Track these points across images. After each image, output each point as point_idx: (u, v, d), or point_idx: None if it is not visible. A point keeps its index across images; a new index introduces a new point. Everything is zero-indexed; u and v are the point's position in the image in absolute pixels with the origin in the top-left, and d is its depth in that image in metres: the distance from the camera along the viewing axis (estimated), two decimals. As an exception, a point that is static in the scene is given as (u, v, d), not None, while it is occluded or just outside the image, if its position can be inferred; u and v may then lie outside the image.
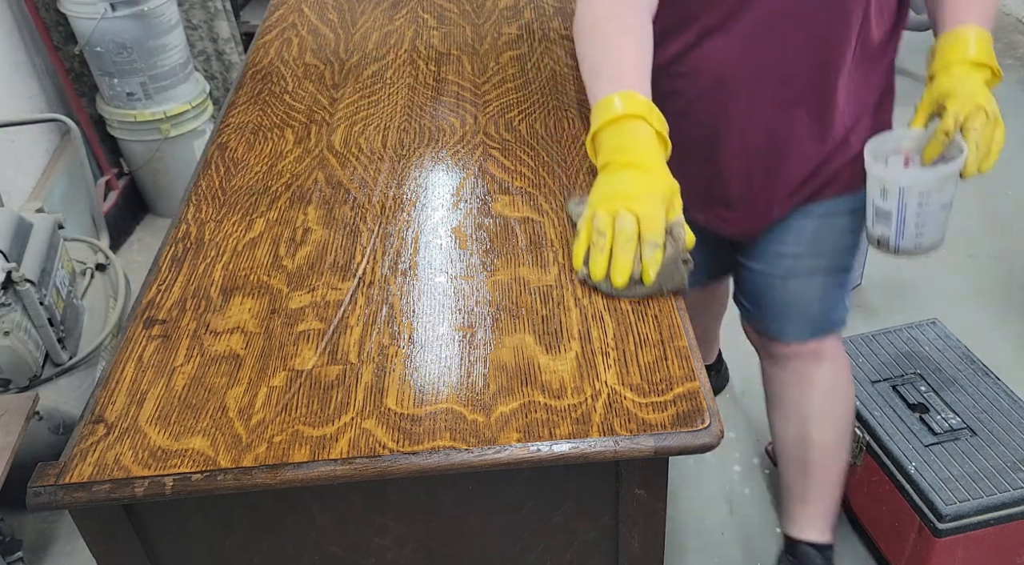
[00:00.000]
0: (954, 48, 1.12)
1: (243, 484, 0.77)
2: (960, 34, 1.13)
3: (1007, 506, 1.42)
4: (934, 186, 1.09)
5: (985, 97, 1.09)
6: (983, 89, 1.10)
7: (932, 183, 1.09)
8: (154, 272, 1.02)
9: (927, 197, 1.10)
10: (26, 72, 2.47)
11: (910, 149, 1.15)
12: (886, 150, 1.16)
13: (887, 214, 1.13)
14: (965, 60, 1.11)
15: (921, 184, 1.10)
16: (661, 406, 0.81)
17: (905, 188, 1.10)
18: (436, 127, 1.25)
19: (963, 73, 1.10)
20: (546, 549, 0.92)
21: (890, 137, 1.17)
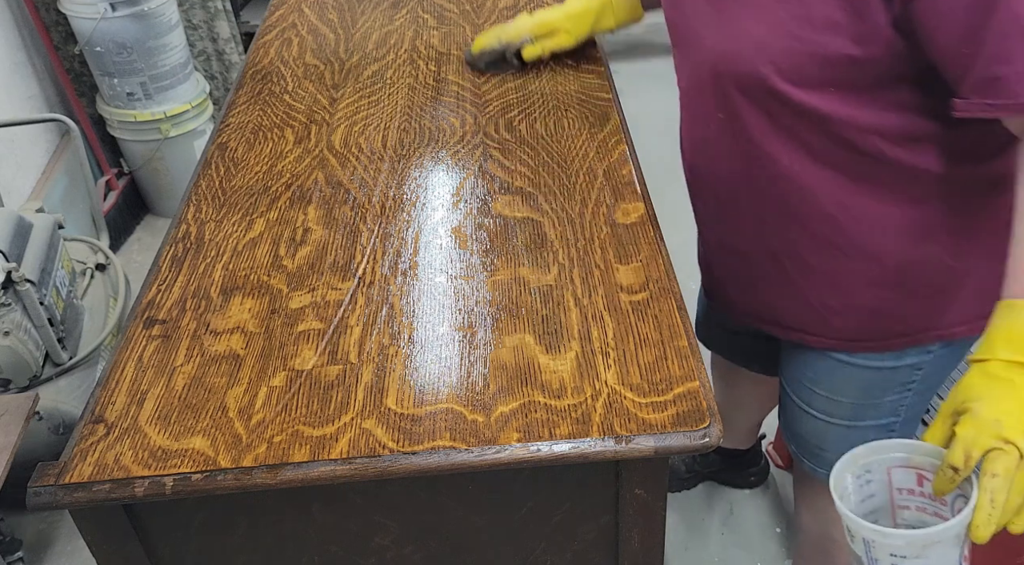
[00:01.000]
0: (1005, 333, 0.79)
1: (243, 484, 0.77)
2: (1018, 311, 0.79)
3: (1007, 506, 1.42)
4: (911, 550, 0.77)
5: (1019, 425, 0.74)
6: (1022, 412, 0.75)
7: (907, 546, 0.77)
8: (154, 272, 1.02)
9: (903, 560, 0.78)
10: (26, 72, 2.47)
11: (923, 467, 0.82)
12: (887, 460, 0.84)
13: (858, 558, 0.82)
14: (1013, 358, 0.77)
15: (892, 544, 0.77)
16: (661, 406, 0.81)
17: (870, 541, 0.78)
18: (436, 127, 1.25)
19: (1005, 376, 0.77)
20: (546, 549, 0.92)
21: (893, 446, 0.84)
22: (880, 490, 0.85)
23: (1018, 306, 0.79)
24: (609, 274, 0.96)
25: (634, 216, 1.05)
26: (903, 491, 0.85)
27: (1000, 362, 0.78)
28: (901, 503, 0.85)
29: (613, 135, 1.20)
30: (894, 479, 0.84)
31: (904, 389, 1.14)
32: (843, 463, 0.83)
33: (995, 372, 0.78)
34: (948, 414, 0.80)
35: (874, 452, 0.83)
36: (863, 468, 0.84)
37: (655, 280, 0.95)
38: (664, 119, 2.11)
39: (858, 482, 0.84)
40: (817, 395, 1.19)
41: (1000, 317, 0.81)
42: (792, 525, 1.79)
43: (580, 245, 1.01)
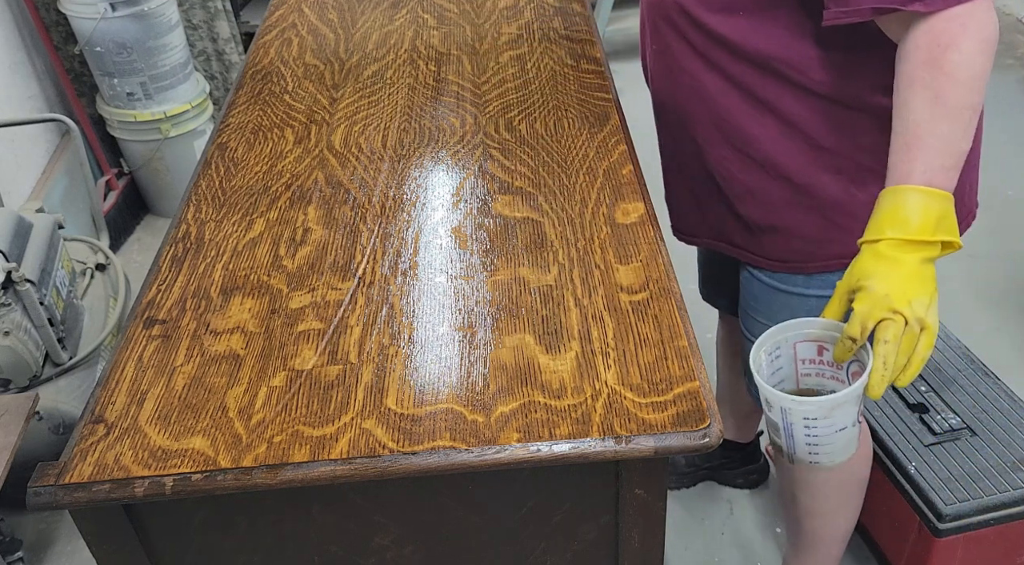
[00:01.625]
0: (888, 216, 0.88)
1: (243, 484, 0.77)
2: (899, 196, 0.88)
3: (1007, 506, 1.42)
4: (820, 413, 0.90)
5: (904, 296, 0.85)
6: (908, 283, 0.86)
7: (818, 410, 0.90)
8: (154, 272, 1.02)
9: (815, 421, 0.91)
10: (26, 72, 2.47)
11: (822, 339, 0.94)
12: (793, 336, 0.95)
13: (775, 425, 0.94)
14: (898, 236, 0.87)
15: (806, 409, 0.90)
16: (661, 406, 0.81)
17: (787, 408, 0.91)
18: (436, 127, 1.25)
19: (891, 254, 0.87)
20: (546, 549, 0.92)
21: (798, 324, 0.95)
22: (787, 363, 0.98)
23: (899, 190, 0.88)
24: (609, 274, 0.96)
25: (634, 216, 1.05)
26: (805, 361, 0.97)
27: (888, 241, 0.88)
28: (804, 372, 0.98)
29: (613, 135, 1.20)
30: (798, 352, 0.97)
31: None
32: (758, 343, 0.94)
33: (883, 252, 0.88)
34: (844, 292, 0.91)
35: (782, 331, 0.95)
36: (773, 345, 0.96)
37: (655, 280, 0.95)
38: (664, 119, 2.11)
39: (769, 358, 0.97)
40: (757, 322, 1.27)
41: (884, 201, 0.90)
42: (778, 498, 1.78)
43: (580, 245, 1.01)
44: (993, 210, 2.61)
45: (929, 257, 0.88)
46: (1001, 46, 3.49)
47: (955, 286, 2.34)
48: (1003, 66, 3.41)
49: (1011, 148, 2.89)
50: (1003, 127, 3.01)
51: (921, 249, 0.87)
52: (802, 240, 1.15)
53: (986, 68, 0.88)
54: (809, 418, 0.91)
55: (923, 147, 0.88)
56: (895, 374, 0.87)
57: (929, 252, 0.88)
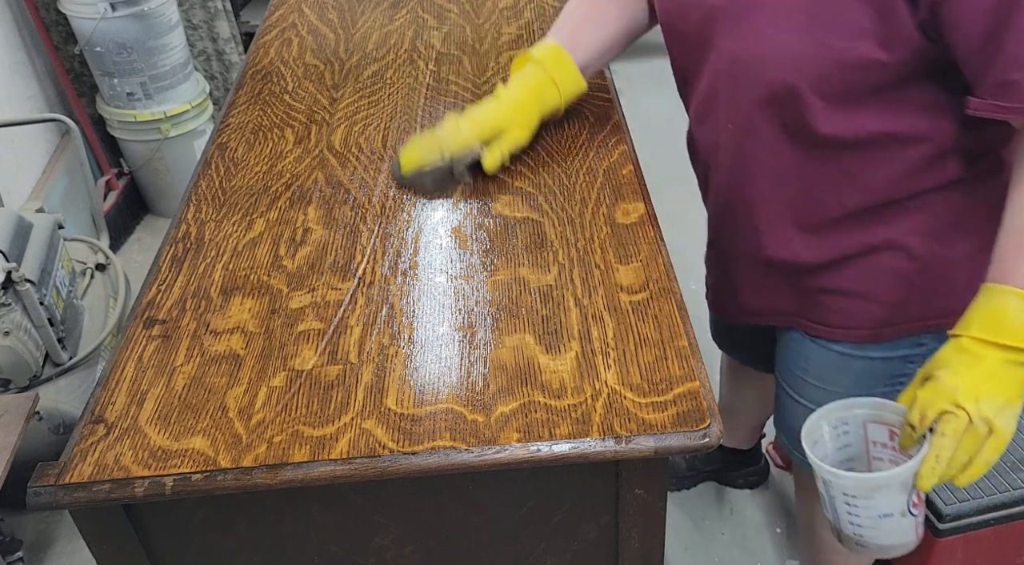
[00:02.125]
0: (983, 313, 0.85)
1: (243, 484, 0.77)
2: (999, 297, 0.84)
3: (1007, 506, 1.42)
4: (860, 491, 0.87)
5: (973, 392, 0.82)
6: (983, 380, 0.82)
7: (856, 488, 0.87)
8: (154, 272, 1.02)
9: (855, 499, 0.88)
10: (26, 72, 2.47)
11: (895, 424, 0.92)
12: (862, 415, 0.93)
13: (821, 495, 0.91)
14: (986, 337, 0.84)
15: (843, 484, 0.87)
16: (661, 406, 0.81)
17: (827, 481, 0.88)
18: (436, 127, 1.25)
19: (973, 349, 0.84)
20: (546, 549, 0.92)
21: (868, 403, 0.93)
22: (856, 441, 0.95)
23: (997, 290, 0.85)
24: (609, 274, 0.96)
25: (634, 216, 1.05)
26: (877, 444, 0.94)
27: (971, 339, 0.85)
28: (876, 455, 0.94)
29: (613, 135, 1.20)
30: (870, 433, 0.93)
31: (895, 382, 1.14)
32: (819, 414, 0.92)
33: (965, 347, 0.85)
34: (920, 379, 0.88)
35: (849, 408, 0.92)
36: (840, 420, 0.93)
37: (655, 280, 0.95)
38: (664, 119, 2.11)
39: (835, 432, 0.93)
40: (809, 384, 1.20)
41: (980, 298, 0.87)
42: (792, 525, 1.79)
43: (580, 245, 1.01)
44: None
45: (1017, 361, 0.83)
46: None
47: (955, 286, 2.34)
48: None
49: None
50: None
51: (1009, 352, 0.83)
52: (879, 305, 1.08)
53: None
54: (848, 495, 0.88)
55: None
56: (952, 471, 0.84)
57: (1018, 357, 0.83)
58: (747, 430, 1.78)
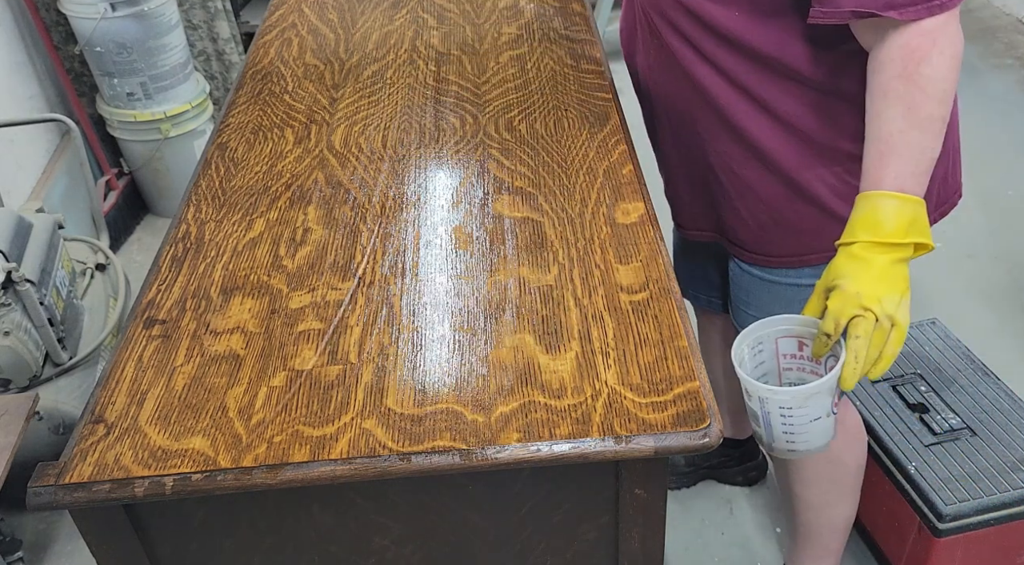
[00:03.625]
0: (862, 220, 0.94)
1: (243, 484, 0.77)
2: (873, 202, 0.94)
3: (1007, 506, 1.42)
4: (795, 402, 0.95)
5: (875, 294, 0.91)
6: (879, 282, 0.92)
7: (792, 400, 0.95)
8: (154, 272, 1.02)
9: (790, 411, 0.95)
10: (26, 72, 2.47)
11: (803, 335, 1.00)
12: (775, 332, 1.00)
13: (754, 414, 0.99)
14: (870, 238, 0.93)
15: (781, 399, 0.95)
16: (661, 406, 0.81)
17: (764, 398, 0.96)
18: (436, 127, 1.25)
19: (864, 255, 0.93)
20: (546, 549, 0.92)
21: (779, 320, 1.00)
22: (769, 357, 1.03)
23: (873, 196, 0.94)
24: (609, 274, 0.96)
25: (634, 216, 1.05)
26: (787, 356, 1.03)
27: (861, 244, 0.93)
28: (785, 366, 1.03)
29: (613, 135, 1.20)
30: (780, 347, 1.02)
31: None
32: (740, 337, 0.99)
33: (856, 253, 0.93)
34: (821, 291, 0.97)
35: (764, 327, 1.00)
36: (756, 340, 1.01)
37: (655, 280, 0.95)
38: (664, 119, 2.10)
39: (752, 352, 1.01)
40: (748, 315, 1.29)
41: (858, 206, 0.96)
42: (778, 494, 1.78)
43: (580, 245, 1.01)
44: (993, 210, 2.61)
45: (901, 258, 0.93)
46: (1001, 46, 3.49)
47: (955, 286, 2.34)
48: (1003, 66, 3.41)
49: (1011, 148, 2.89)
50: (1003, 127, 3.00)
51: (893, 251, 0.92)
52: (799, 233, 1.18)
53: (955, 81, 0.94)
54: (784, 407, 0.95)
55: (896, 155, 0.93)
56: (867, 367, 0.92)
57: (901, 253, 0.93)
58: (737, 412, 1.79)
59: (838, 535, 1.53)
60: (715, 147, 1.18)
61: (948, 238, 2.43)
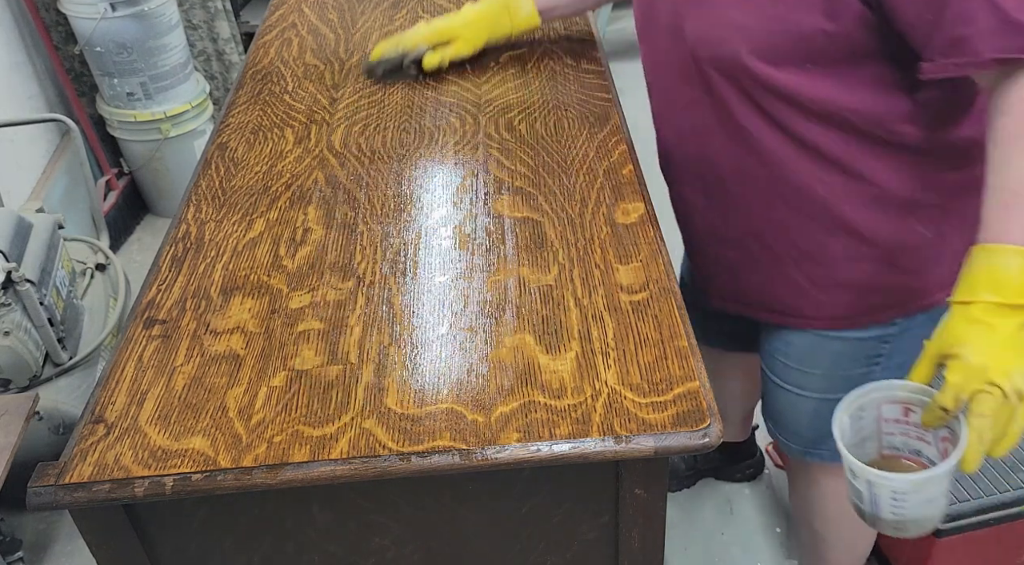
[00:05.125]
0: (983, 275, 0.83)
1: (243, 484, 0.77)
2: (996, 256, 0.82)
3: (1007, 506, 1.42)
4: (911, 488, 0.87)
5: (1002, 368, 0.80)
6: (1006, 352, 0.81)
7: (907, 486, 0.87)
8: (154, 272, 1.02)
9: (903, 495, 0.88)
10: (26, 72, 2.47)
11: (909, 402, 0.92)
12: (879, 398, 0.93)
13: (859, 493, 0.91)
14: (994, 299, 0.81)
15: (894, 486, 0.87)
16: (661, 406, 0.81)
17: (873, 482, 0.88)
18: (436, 127, 1.25)
19: (986, 319, 0.82)
20: (546, 549, 0.92)
21: (883, 386, 0.93)
22: (870, 423, 0.95)
23: (996, 250, 0.83)
24: (609, 274, 0.96)
25: (634, 216, 1.05)
26: (889, 421, 0.94)
27: (982, 305, 0.82)
28: (887, 431, 0.95)
29: (613, 135, 1.20)
30: (882, 412, 0.94)
31: (871, 362, 1.18)
32: (841, 407, 0.92)
33: (977, 316, 0.82)
34: (932, 355, 0.86)
35: (866, 393, 0.92)
36: (857, 408, 0.93)
37: (655, 280, 0.95)
38: (664, 119, 2.10)
39: (852, 419, 0.93)
40: (790, 368, 1.24)
41: (978, 260, 0.84)
42: (793, 525, 1.79)
43: (580, 245, 1.01)
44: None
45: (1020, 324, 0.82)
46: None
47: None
48: (1003, 66, 3.39)
49: (1011, 148, 2.88)
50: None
51: (1018, 314, 0.81)
52: (867, 291, 1.11)
53: None
54: (898, 492, 0.88)
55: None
56: (990, 447, 0.83)
57: None
58: (738, 421, 1.79)
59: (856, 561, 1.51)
60: (770, 215, 1.10)
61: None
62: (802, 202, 1.07)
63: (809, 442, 1.30)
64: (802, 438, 1.30)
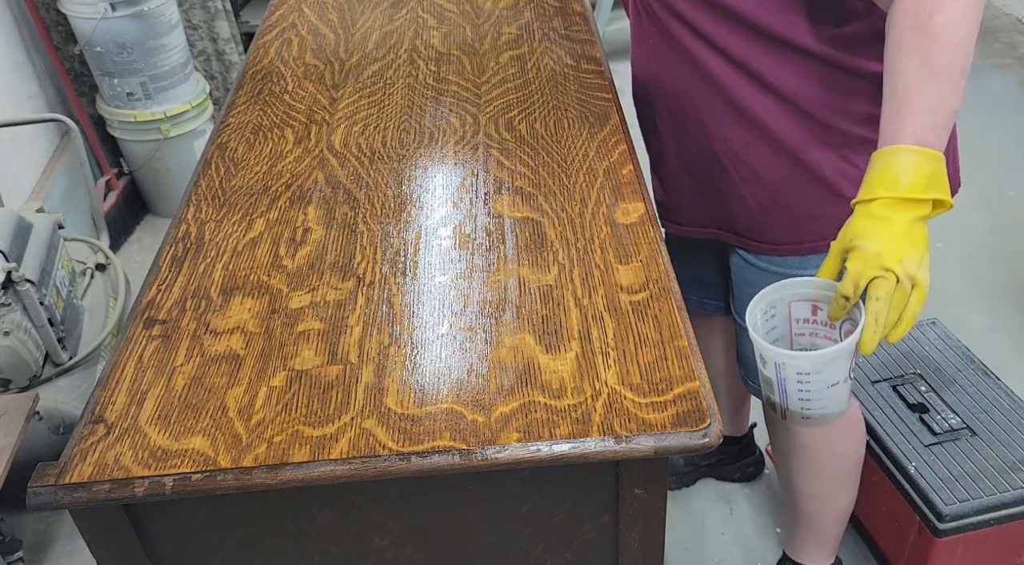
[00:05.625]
0: (880, 175, 0.90)
1: (243, 484, 0.77)
2: (890, 156, 0.89)
3: (1007, 506, 1.42)
4: (813, 368, 0.92)
5: (896, 255, 0.87)
6: (900, 241, 0.88)
7: (810, 365, 0.92)
8: (154, 272, 1.02)
9: (807, 376, 0.93)
10: (26, 72, 2.47)
11: (817, 299, 0.97)
12: (788, 296, 0.98)
13: (768, 380, 0.97)
14: (889, 195, 0.88)
15: (798, 364, 0.93)
16: (661, 406, 0.81)
17: (780, 364, 0.93)
18: (436, 127, 1.25)
19: (883, 213, 0.89)
20: (546, 549, 0.92)
21: (793, 283, 0.98)
22: (781, 322, 1.00)
23: (890, 150, 0.89)
24: (609, 274, 0.96)
25: (634, 216, 1.05)
26: (799, 321, 1.00)
27: (880, 201, 0.89)
28: (798, 331, 1.01)
29: (613, 135, 1.20)
30: (792, 311, 0.99)
31: None
32: (754, 302, 0.97)
33: (875, 211, 0.89)
34: (837, 252, 0.92)
35: (776, 291, 0.98)
36: (769, 305, 0.98)
37: (655, 280, 0.95)
38: (664, 119, 2.10)
39: (764, 317, 0.99)
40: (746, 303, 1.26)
41: (876, 162, 0.91)
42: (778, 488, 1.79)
43: (580, 245, 1.01)
44: (993, 210, 2.61)
45: (920, 215, 0.89)
46: (1001, 46, 3.48)
47: (955, 286, 2.34)
48: (1003, 66, 3.40)
49: (1011, 148, 2.89)
50: (1003, 127, 3.00)
51: (913, 207, 0.88)
52: (807, 219, 1.17)
53: (972, 30, 0.90)
54: (802, 372, 0.93)
55: (913, 108, 0.89)
56: (887, 330, 0.89)
57: (920, 210, 0.89)
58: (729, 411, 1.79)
59: (838, 525, 1.53)
60: (719, 133, 1.17)
61: (948, 238, 2.43)
62: (746, 122, 1.14)
63: None
64: None
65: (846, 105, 1.09)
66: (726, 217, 1.27)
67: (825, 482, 1.46)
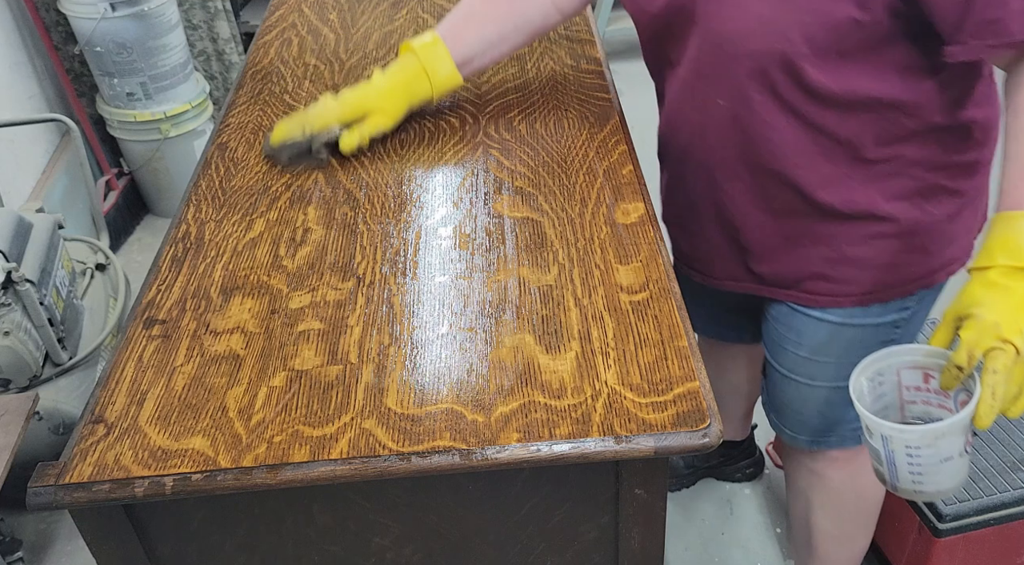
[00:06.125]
0: (1000, 241, 0.86)
1: (243, 484, 0.77)
2: (1013, 222, 0.85)
3: (1007, 506, 1.42)
4: (923, 441, 0.87)
5: (1015, 325, 0.83)
6: (1019, 311, 0.83)
7: (919, 439, 0.87)
8: (154, 272, 1.02)
9: (918, 450, 0.89)
10: (26, 72, 2.47)
11: (928, 367, 0.92)
12: (898, 363, 0.94)
13: (876, 453, 0.92)
14: (1010, 263, 0.84)
15: (907, 438, 0.88)
16: (661, 406, 0.81)
17: (887, 436, 0.89)
18: (436, 127, 1.25)
19: (1002, 282, 0.84)
20: (546, 549, 0.92)
21: (903, 350, 0.93)
22: (890, 390, 0.96)
23: (1012, 217, 0.87)
24: (609, 274, 0.96)
25: (634, 216, 1.05)
26: (910, 389, 0.95)
27: (999, 269, 0.85)
28: (908, 399, 0.96)
29: (613, 135, 1.20)
30: (903, 379, 0.94)
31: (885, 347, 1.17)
32: (859, 369, 0.93)
33: (994, 279, 0.85)
34: (951, 320, 0.88)
35: (885, 357, 0.94)
36: (876, 372, 0.94)
37: (655, 280, 0.95)
38: (664, 119, 2.10)
39: (871, 384, 0.95)
40: (801, 358, 1.22)
41: (997, 228, 0.88)
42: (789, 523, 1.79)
43: (580, 245, 1.01)
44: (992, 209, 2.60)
45: None
46: (1001, 46, 3.47)
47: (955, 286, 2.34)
48: (1003, 66, 3.40)
49: (1011, 148, 2.88)
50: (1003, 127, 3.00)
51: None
52: (878, 269, 1.12)
53: None
54: (911, 446, 0.88)
55: None
56: (1005, 405, 0.84)
57: None
58: (738, 417, 1.78)
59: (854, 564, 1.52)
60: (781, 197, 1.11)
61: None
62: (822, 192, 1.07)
63: (817, 431, 1.29)
64: (809, 428, 1.29)
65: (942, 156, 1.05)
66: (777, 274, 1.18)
67: (846, 521, 1.43)
